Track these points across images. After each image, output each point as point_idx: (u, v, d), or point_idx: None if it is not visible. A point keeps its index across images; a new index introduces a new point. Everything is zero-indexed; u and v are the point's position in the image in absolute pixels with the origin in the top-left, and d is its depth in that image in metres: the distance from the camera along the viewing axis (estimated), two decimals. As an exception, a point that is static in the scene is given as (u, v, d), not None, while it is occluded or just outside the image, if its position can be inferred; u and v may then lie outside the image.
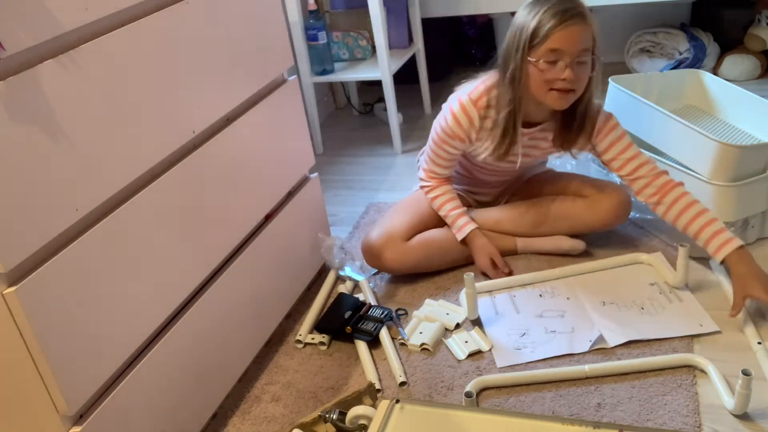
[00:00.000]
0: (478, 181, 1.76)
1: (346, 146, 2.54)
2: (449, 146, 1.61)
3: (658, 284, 1.54)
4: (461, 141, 1.58)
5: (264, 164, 1.46)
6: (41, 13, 0.91)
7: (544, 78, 1.42)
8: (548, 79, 1.42)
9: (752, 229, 1.62)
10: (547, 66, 1.41)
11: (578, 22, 1.39)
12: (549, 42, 1.39)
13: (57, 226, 0.95)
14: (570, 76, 1.41)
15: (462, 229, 1.64)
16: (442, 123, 1.59)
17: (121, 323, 1.07)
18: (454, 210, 1.66)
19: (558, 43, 1.39)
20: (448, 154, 1.63)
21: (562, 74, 1.41)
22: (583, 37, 1.40)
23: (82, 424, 0.99)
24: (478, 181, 1.76)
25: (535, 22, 1.40)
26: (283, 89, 1.54)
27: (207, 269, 1.28)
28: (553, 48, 1.39)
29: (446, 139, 1.60)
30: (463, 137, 1.57)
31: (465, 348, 1.43)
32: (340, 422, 1.17)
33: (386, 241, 1.62)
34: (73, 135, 0.97)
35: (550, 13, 1.39)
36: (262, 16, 1.44)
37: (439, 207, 1.67)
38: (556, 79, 1.42)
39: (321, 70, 2.39)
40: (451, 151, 1.62)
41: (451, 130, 1.57)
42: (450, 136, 1.58)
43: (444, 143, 1.61)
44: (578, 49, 1.40)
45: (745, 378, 1.15)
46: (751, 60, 2.52)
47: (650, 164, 1.53)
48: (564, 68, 1.40)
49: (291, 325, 1.59)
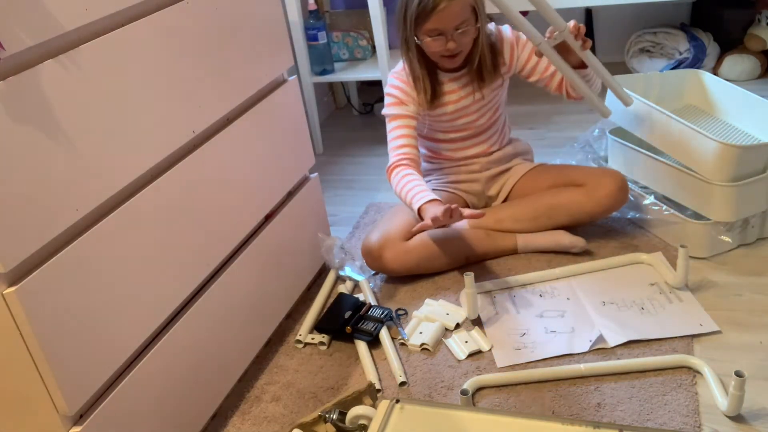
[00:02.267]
0: (455, 163, 1.79)
1: (346, 146, 2.54)
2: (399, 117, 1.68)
3: (658, 284, 1.54)
4: (403, 103, 1.68)
5: (264, 164, 1.46)
6: (41, 13, 0.91)
7: (430, 51, 1.61)
8: (433, 51, 1.60)
9: (752, 229, 1.62)
10: (431, 40, 1.57)
11: (450, 4, 1.51)
12: (428, 24, 1.55)
13: (57, 226, 0.95)
14: (452, 47, 1.58)
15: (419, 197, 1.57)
16: (387, 99, 1.71)
17: (121, 323, 1.07)
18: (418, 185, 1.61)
19: (435, 24, 1.55)
20: (402, 124, 1.68)
21: (445, 47, 1.58)
22: (458, 14, 1.54)
23: (82, 424, 0.99)
24: (455, 162, 1.79)
25: (414, 4, 1.54)
26: (283, 89, 1.54)
27: (207, 269, 1.28)
28: (432, 28, 1.55)
29: (393, 111, 1.69)
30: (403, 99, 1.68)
31: (465, 348, 1.43)
32: (340, 422, 1.17)
33: (385, 242, 1.62)
34: (73, 135, 0.97)
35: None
36: (262, 16, 1.44)
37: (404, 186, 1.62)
38: (441, 50, 1.58)
39: (321, 70, 2.39)
40: (403, 123, 1.68)
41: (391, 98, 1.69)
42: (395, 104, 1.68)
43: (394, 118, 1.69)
44: (454, 25, 1.55)
45: (738, 380, 1.15)
46: (751, 60, 2.52)
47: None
48: (446, 42, 1.57)
49: (291, 325, 1.59)
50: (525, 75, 1.72)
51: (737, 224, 1.59)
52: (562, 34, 1.50)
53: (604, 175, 1.68)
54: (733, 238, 1.60)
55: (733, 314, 1.42)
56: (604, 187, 1.65)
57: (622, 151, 1.83)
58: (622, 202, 1.68)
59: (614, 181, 1.65)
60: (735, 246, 1.62)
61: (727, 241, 1.60)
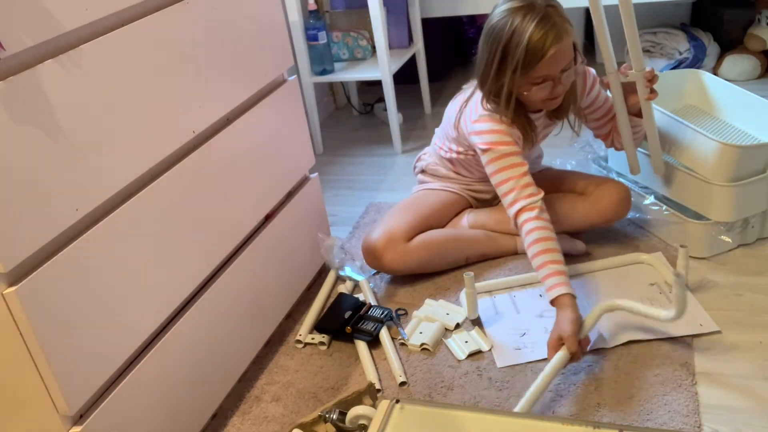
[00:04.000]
0: (479, 178, 1.76)
1: (346, 146, 2.54)
2: (517, 153, 1.49)
3: (658, 284, 1.54)
4: (516, 143, 1.50)
5: (264, 164, 1.46)
6: (41, 13, 0.91)
7: (534, 97, 1.46)
8: (537, 99, 1.47)
9: (752, 229, 1.62)
10: (538, 88, 1.44)
11: (561, 43, 1.38)
12: (535, 71, 1.40)
13: (57, 226, 0.95)
14: (560, 91, 1.46)
15: (555, 288, 1.37)
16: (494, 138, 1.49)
17: (121, 323, 1.07)
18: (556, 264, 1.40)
19: (545, 71, 1.40)
20: (521, 162, 1.49)
21: (552, 94, 1.45)
22: (567, 54, 1.41)
23: (82, 424, 0.99)
24: (479, 178, 1.76)
25: (520, 50, 1.37)
26: (283, 89, 1.54)
27: (207, 269, 1.28)
28: (541, 75, 1.41)
29: (508, 150, 1.48)
30: (514, 138, 1.50)
31: (465, 348, 1.43)
32: (340, 422, 1.17)
33: (387, 243, 1.61)
34: (73, 135, 0.97)
35: (535, 38, 1.36)
36: (262, 16, 1.44)
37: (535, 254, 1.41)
38: (548, 96, 1.46)
39: (321, 70, 2.39)
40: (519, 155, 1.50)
41: (504, 139, 1.49)
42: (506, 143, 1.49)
43: (512, 154, 1.48)
44: (562, 67, 1.42)
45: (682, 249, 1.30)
46: (751, 60, 2.52)
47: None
48: (552, 87, 1.44)
49: (291, 325, 1.59)
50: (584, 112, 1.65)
51: (737, 224, 1.59)
52: (637, 74, 1.46)
53: (607, 185, 1.66)
54: (733, 238, 1.60)
55: (733, 314, 1.42)
56: (607, 198, 1.64)
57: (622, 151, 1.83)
58: (624, 213, 1.67)
59: (617, 192, 1.65)
60: (735, 246, 1.62)
61: (727, 241, 1.60)
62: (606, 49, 1.46)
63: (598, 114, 1.66)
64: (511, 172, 1.48)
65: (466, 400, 1.31)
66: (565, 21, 1.40)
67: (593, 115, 1.67)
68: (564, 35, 1.38)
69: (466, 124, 1.56)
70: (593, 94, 1.63)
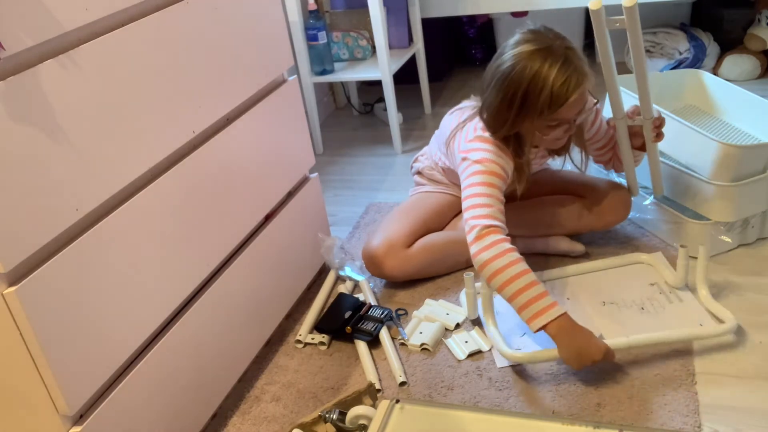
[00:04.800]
0: None
1: (346, 146, 2.54)
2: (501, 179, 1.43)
3: (658, 284, 1.54)
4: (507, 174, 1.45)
5: (264, 164, 1.46)
6: (41, 13, 0.91)
7: (547, 138, 1.43)
8: (549, 139, 1.44)
9: (752, 229, 1.62)
10: (551, 129, 1.40)
11: (582, 87, 1.34)
12: (557, 114, 1.36)
13: (57, 226, 0.95)
14: (570, 133, 1.45)
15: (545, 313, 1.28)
16: (489, 156, 1.43)
17: (121, 323, 1.07)
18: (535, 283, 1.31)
19: (565, 114, 1.37)
20: (500, 188, 1.43)
21: (564, 137, 1.44)
22: (586, 98, 1.39)
23: (82, 424, 0.99)
24: None
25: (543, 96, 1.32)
26: (283, 89, 1.54)
27: (207, 269, 1.28)
28: (558, 118, 1.38)
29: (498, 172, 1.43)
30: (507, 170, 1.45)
31: (465, 348, 1.43)
32: (340, 422, 1.17)
33: (388, 250, 1.60)
34: (73, 135, 0.97)
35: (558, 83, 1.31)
36: (262, 16, 1.44)
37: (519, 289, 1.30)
38: (560, 137, 1.44)
39: (321, 70, 2.39)
40: (501, 187, 1.43)
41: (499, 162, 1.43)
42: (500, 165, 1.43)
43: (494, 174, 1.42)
44: (578, 111, 1.39)
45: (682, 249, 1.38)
46: (751, 60, 2.52)
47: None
48: (567, 130, 1.42)
49: (291, 325, 1.59)
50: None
51: (737, 224, 1.59)
52: (645, 122, 1.45)
53: (608, 189, 1.66)
54: (733, 238, 1.61)
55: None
56: (607, 200, 1.64)
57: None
58: (624, 217, 1.68)
59: (618, 196, 1.65)
60: (735, 246, 1.62)
61: (727, 241, 1.60)
62: (615, 97, 1.43)
63: (599, 144, 1.65)
64: (492, 192, 1.40)
65: (466, 400, 1.31)
66: (585, 64, 1.37)
67: (594, 146, 1.65)
68: (585, 80, 1.34)
69: (459, 145, 1.52)
70: (595, 127, 1.60)
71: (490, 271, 1.32)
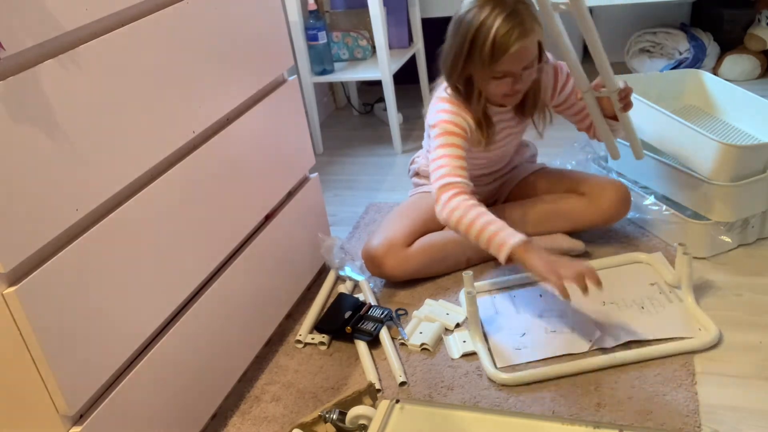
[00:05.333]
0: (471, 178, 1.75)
1: (346, 146, 2.54)
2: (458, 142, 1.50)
3: (658, 284, 1.54)
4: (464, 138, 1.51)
5: (264, 164, 1.46)
6: (41, 13, 0.91)
7: (494, 91, 1.48)
8: (497, 93, 1.48)
9: (752, 229, 1.62)
10: (498, 82, 1.45)
11: (526, 40, 1.39)
12: (498, 65, 1.41)
13: (57, 226, 0.95)
14: (520, 88, 1.47)
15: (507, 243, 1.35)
16: (444, 117, 1.52)
17: (122, 323, 1.07)
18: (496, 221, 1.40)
19: (507, 66, 1.42)
20: (460, 147, 1.50)
21: (512, 88, 1.46)
22: (530, 52, 1.43)
23: (82, 424, 0.99)
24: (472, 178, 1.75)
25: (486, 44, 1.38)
26: (283, 89, 1.54)
27: (207, 269, 1.28)
28: (503, 70, 1.43)
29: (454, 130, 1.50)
30: (464, 135, 1.51)
31: (461, 347, 1.43)
32: (340, 422, 1.17)
33: (387, 249, 1.61)
34: (74, 135, 0.97)
35: (501, 33, 1.37)
36: (262, 16, 1.44)
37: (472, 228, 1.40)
38: (508, 91, 1.47)
39: (321, 70, 2.39)
40: (461, 149, 1.50)
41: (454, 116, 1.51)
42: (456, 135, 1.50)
43: (453, 134, 1.50)
44: (524, 64, 1.44)
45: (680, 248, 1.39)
46: (751, 60, 2.52)
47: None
48: (514, 83, 1.46)
49: (291, 325, 1.59)
50: (560, 109, 1.68)
51: (737, 224, 1.59)
52: (611, 93, 1.46)
53: (607, 185, 1.66)
54: (733, 238, 1.61)
55: (733, 314, 1.42)
56: (607, 198, 1.64)
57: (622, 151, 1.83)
58: (624, 213, 1.68)
59: (616, 192, 1.65)
60: (735, 246, 1.62)
61: (727, 241, 1.60)
62: (575, 70, 1.45)
63: (574, 110, 1.67)
64: (450, 151, 1.48)
65: (466, 400, 1.31)
66: (534, 20, 1.41)
67: (569, 111, 1.68)
68: (530, 33, 1.39)
69: (427, 119, 1.59)
70: (567, 92, 1.63)
71: (452, 225, 1.44)
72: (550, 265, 1.31)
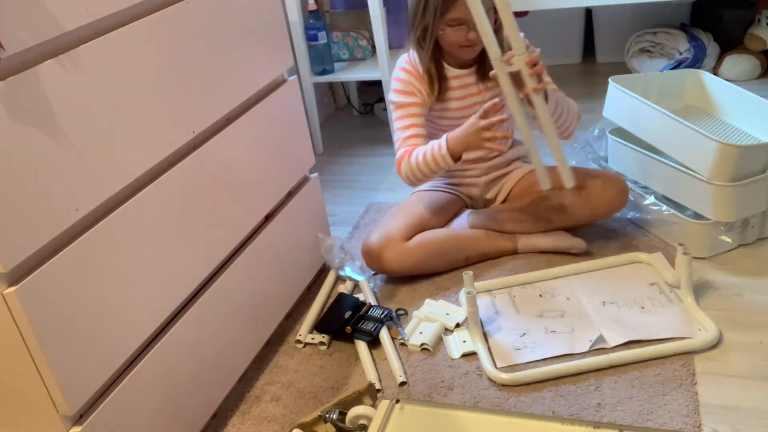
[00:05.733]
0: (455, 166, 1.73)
1: (346, 146, 2.54)
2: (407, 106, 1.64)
3: (658, 284, 1.54)
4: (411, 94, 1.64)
5: (264, 164, 1.46)
6: (41, 13, 0.91)
7: (450, 41, 1.58)
8: (453, 42, 1.58)
9: (752, 229, 1.62)
10: (452, 30, 1.56)
11: None
12: (451, 13, 1.53)
13: (57, 226, 0.95)
14: (473, 37, 1.54)
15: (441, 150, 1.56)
16: (394, 89, 1.66)
17: (122, 323, 1.07)
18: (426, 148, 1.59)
19: (459, 13, 1.52)
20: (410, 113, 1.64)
21: (466, 37, 1.56)
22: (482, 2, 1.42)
23: (82, 424, 0.99)
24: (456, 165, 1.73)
25: None
26: (283, 89, 1.54)
27: (207, 269, 1.28)
28: (455, 17, 1.53)
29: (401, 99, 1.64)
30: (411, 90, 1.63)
31: (461, 347, 1.43)
32: (340, 422, 1.17)
33: (386, 243, 1.61)
34: (73, 135, 0.97)
35: None
36: (262, 16, 1.44)
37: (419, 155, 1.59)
38: (462, 41, 1.56)
39: (321, 70, 2.39)
40: (411, 111, 1.64)
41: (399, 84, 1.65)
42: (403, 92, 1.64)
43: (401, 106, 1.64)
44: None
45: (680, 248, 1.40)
46: (751, 60, 2.52)
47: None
48: (467, 31, 1.55)
49: (291, 325, 1.59)
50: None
51: (737, 224, 1.59)
52: (519, 59, 1.40)
53: (604, 178, 1.67)
54: (733, 238, 1.61)
55: (733, 314, 1.42)
56: (604, 191, 1.65)
57: (622, 152, 1.83)
58: (622, 205, 1.68)
59: (614, 184, 1.65)
60: (735, 246, 1.62)
61: (727, 241, 1.60)
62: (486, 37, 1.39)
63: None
64: (402, 123, 1.64)
65: (466, 400, 1.31)
66: None
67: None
68: None
69: None
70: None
71: (409, 177, 1.62)
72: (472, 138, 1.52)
